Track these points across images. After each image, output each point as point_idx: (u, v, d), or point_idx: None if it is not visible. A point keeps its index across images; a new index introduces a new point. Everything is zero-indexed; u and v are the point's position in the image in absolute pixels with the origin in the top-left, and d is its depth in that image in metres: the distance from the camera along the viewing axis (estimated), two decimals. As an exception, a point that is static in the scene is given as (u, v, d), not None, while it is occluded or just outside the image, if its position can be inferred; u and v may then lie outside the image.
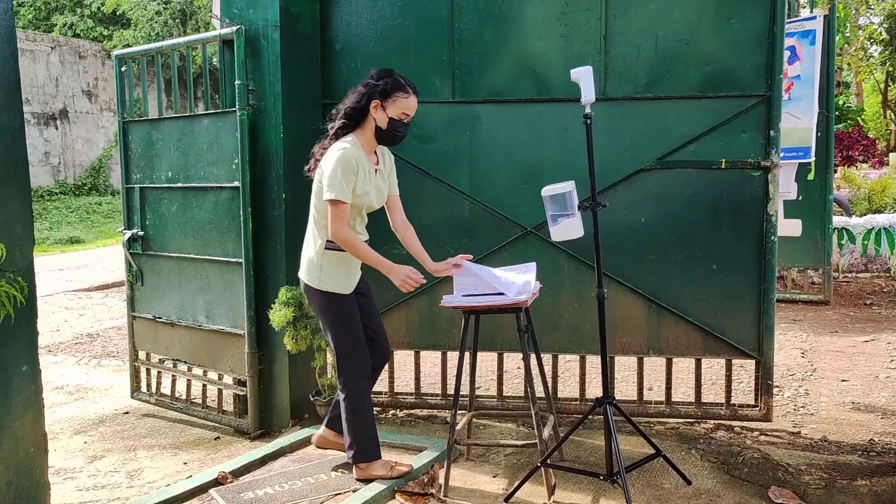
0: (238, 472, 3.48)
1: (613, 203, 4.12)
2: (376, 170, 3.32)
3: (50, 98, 19.65)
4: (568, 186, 2.94)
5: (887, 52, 24.27)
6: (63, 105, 20.08)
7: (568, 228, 2.96)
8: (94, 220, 18.01)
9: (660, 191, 4.10)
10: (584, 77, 2.88)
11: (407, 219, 3.53)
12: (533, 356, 3.46)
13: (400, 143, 3.41)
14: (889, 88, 27.99)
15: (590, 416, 3.97)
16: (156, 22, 21.20)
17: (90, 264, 12.31)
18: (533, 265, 3.45)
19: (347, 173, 3.10)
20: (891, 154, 19.85)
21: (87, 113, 20.57)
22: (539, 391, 3.73)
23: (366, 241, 3.33)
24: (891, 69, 25.91)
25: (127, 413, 4.78)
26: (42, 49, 19.57)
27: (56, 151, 19.88)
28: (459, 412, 3.85)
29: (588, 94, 2.87)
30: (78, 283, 10.56)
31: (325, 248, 3.22)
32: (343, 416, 3.34)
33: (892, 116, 27.93)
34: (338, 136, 3.24)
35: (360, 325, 3.32)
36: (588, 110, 2.92)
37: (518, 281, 3.27)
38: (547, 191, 2.98)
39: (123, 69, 4.62)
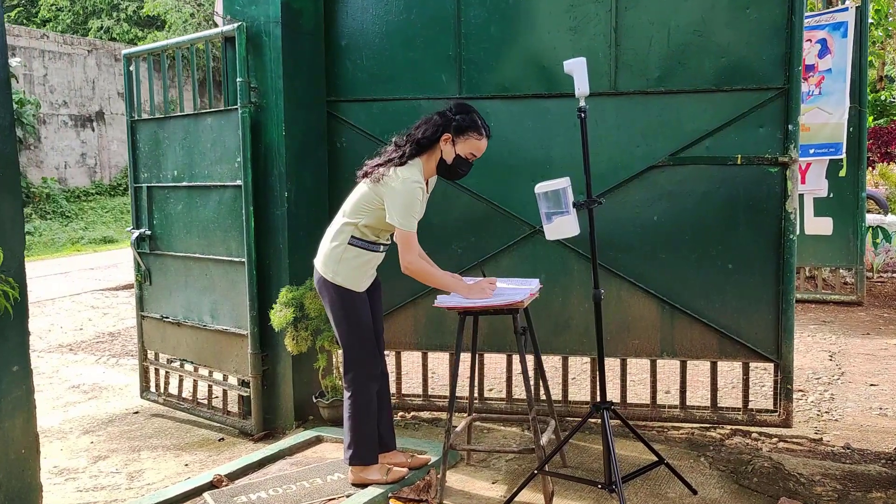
0: (234, 475, 3.43)
1: (625, 200, 4.01)
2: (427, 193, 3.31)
3: (87, 100, 19.96)
4: (562, 183, 2.82)
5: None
6: (99, 107, 20.38)
7: (562, 227, 2.84)
8: (129, 220, 18.13)
9: (673, 188, 3.97)
10: (577, 69, 2.76)
11: None
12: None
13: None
14: (933, 83, 27.17)
15: (595, 420, 3.87)
16: (189, 24, 21.43)
17: (120, 263, 12.47)
18: (535, 281, 3.38)
19: (415, 203, 3.10)
20: (934, 150, 19.24)
21: (122, 115, 20.82)
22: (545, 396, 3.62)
23: (385, 247, 3.29)
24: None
25: (137, 413, 4.77)
26: (79, 52, 19.88)
27: (92, 153, 20.20)
28: (460, 415, 3.77)
29: (582, 86, 2.75)
30: (106, 282, 10.69)
31: (349, 244, 3.17)
32: (345, 414, 3.26)
33: (937, 112, 27.10)
34: (404, 161, 3.17)
35: (371, 324, 3.25)
36: (582, 103, 2.80)
37: (516, 286, 3.19)
38: (540, 188, 2.86)
39: (131, 68, 4.61)
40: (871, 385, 4.95)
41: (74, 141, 19.59)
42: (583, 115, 2.79)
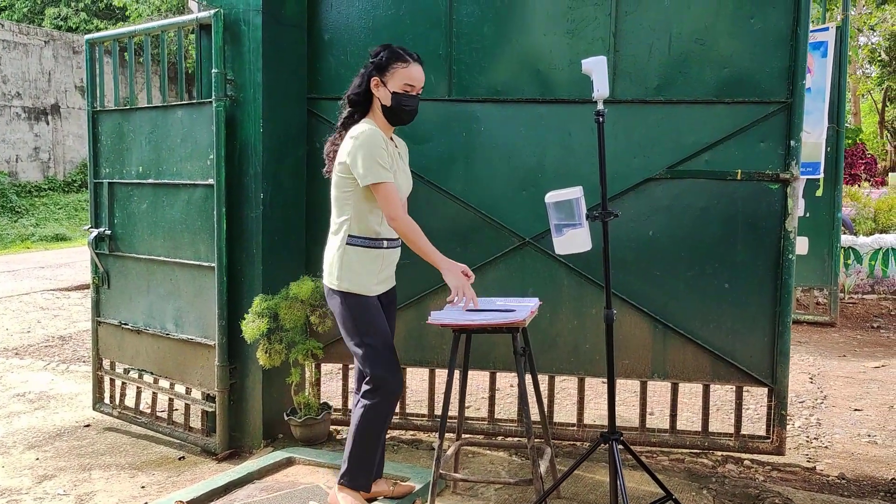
0: (197, 502, 3.13)
1: (619, 214, 3.81)
2: (399, 154, 3.05)
3: (42, 92, 19.29)
4: (575, 192, 2.61)
5: (885, 73, 24.20)
6: (55, 100, 19.71)
7: (574, 240, 2.63)
8: (83, 217, 17.60)
9: (670, 202, 3.79)
10: (596, 69, 2.55)
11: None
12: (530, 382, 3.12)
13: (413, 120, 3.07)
14: (886, 109, 27.93)
15: (582, 443, 3.65)
16: (155, 18, 20.86)
17: (73, 263, 11.96)
18: (535, 300, 3.18)
19: (377, 150, 2.82)
20: (890, 174, 19.69)
21: (79, 109, 20.18)
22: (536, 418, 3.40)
23: (389, 243, 3.02)
24: (891, 90, 25.83)
25: (88, 426, 4.42)
26: (35, 43, 19.21)
27: (46, 147, 19.51)
28: (447, 436, 3.52)
29: (601, 87, 2.54)
30: (58, 281, 10.20)
31: (347, 244, 2.90)
32: (351, 426, 2.93)
33: (889, 137, 27.92)
34: (346, 126, 2.96)
35: (389, 332, 2.95)
36: (600, 106, 2.59)
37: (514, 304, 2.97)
38: (551, 197, 2.64)
39: (95, 55, 4.29)
40: (856, 410, 4.85)
41: (27, 134, 18.91)
42: (601, 118, 2.58)
